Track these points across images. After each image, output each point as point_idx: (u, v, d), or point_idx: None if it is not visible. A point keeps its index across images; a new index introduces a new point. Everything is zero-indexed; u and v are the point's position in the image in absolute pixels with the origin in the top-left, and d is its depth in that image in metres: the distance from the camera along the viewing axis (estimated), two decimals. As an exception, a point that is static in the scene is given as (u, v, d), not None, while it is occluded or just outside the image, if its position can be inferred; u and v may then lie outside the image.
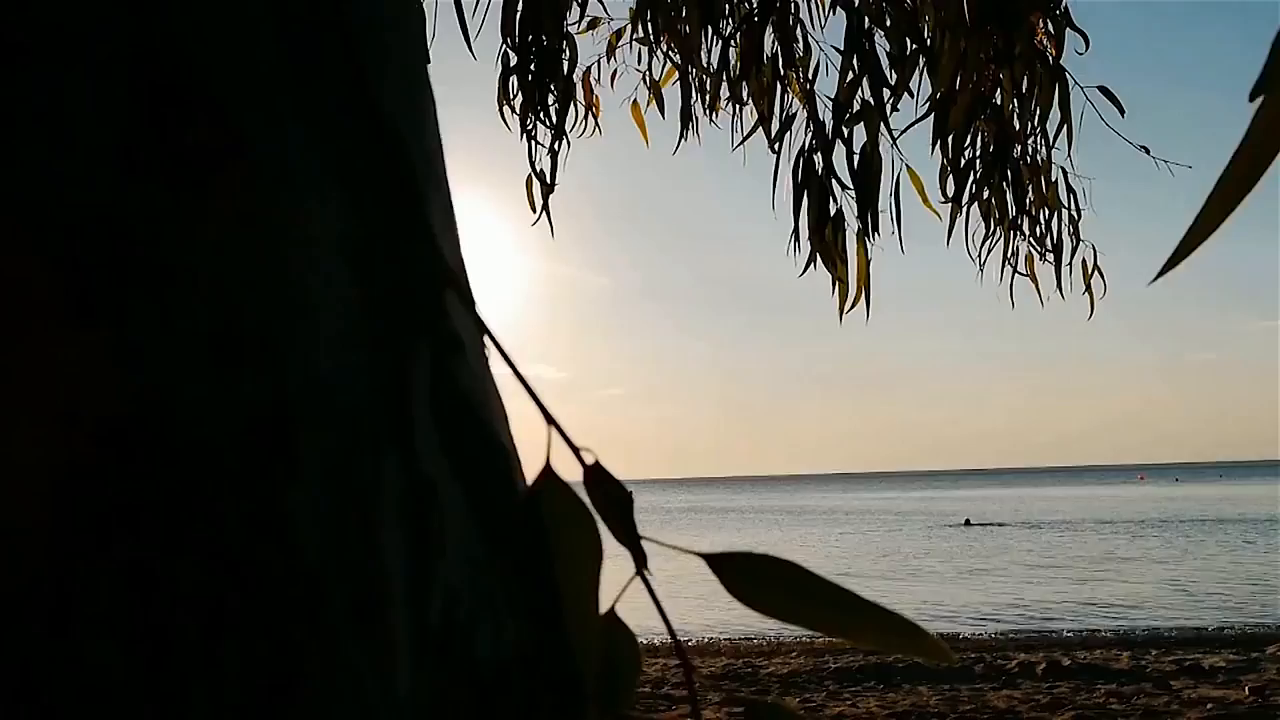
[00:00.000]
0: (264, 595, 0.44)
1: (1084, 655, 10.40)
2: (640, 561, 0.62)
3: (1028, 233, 3.35)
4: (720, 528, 41.70)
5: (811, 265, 2.39)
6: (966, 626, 13.85)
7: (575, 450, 0.60)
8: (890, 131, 2.24)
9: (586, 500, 0.62)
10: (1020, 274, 3.56)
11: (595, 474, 0.62)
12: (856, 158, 2.23)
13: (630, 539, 0.61)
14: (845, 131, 2.24)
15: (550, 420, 0.60)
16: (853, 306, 2.43)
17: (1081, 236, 3.58)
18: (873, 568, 22.43)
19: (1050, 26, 3.09)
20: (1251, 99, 1.06)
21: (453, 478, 0.52)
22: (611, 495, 0.62)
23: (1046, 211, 3.34)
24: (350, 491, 0.47)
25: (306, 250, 0.50)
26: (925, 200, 2.42)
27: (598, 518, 0.62)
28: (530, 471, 0.64)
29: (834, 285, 2.40)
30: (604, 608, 0.63)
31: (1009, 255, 2.93)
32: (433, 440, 0.51)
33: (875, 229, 2.29)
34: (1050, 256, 3.48)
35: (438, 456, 0.52)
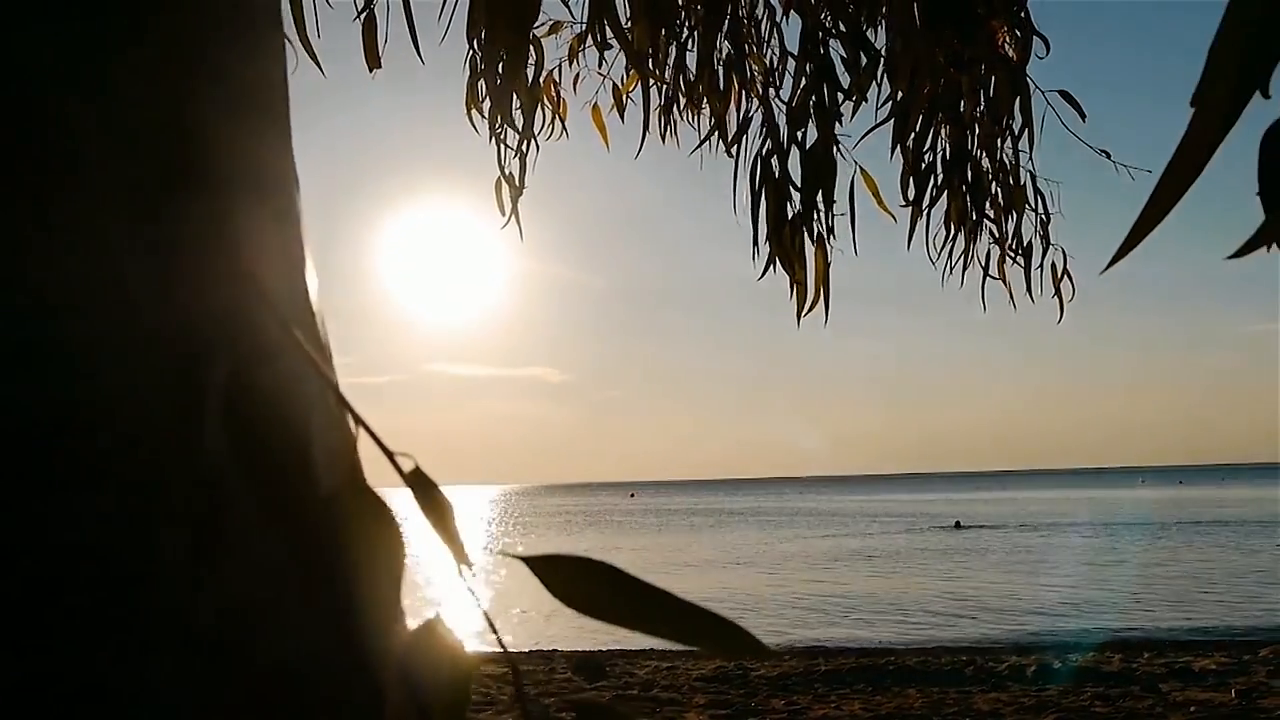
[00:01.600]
0: (24, 596, 0.44)
1: (1076, 658, 10.40)
2: (462, 563, 0.63)
3: (997, 235, 3.36)
4: (711, 529, 41.84)
5: (770, 268, 2.40)
6: (953, 629, 13.83)
7: (390, 456, 0.61)
8: (836, 137, 2.25)
9: (402, 504, 0.63)
10: (992, 277, 3.57)
11: (415, 479, 0.62)
12: (810, 161, 2.24)
13: (452, 544, 0.62)
14: (799, 135, 2.25)
15: (360, 423, 0.61)
16: (811, 308, 2.44)
17: (1051, 240, 3.59)
18: (858, 570, 22.44)
19: (1018, 31, 3.10)
20: (1192, 105, 1.08)
21: (249, 482, 0.53)
22: (433, 500, 0.62)
23: (1015, 215, 3.35)
24: (128, 496, 0.48)
25: (99, 259, 0.51)
26: (880, 203, 2.43)
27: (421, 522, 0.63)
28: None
29: (792, 288, 2.40)
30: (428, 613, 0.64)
31: (971, 257, 2.94)
32: (226, 446, 0.52)
33: (830, 231, 2.30)
34: (1020, 259, 3.49)
35: (232, 462, 0.52)
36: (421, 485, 0.62)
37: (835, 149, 2.27)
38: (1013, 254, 3.17)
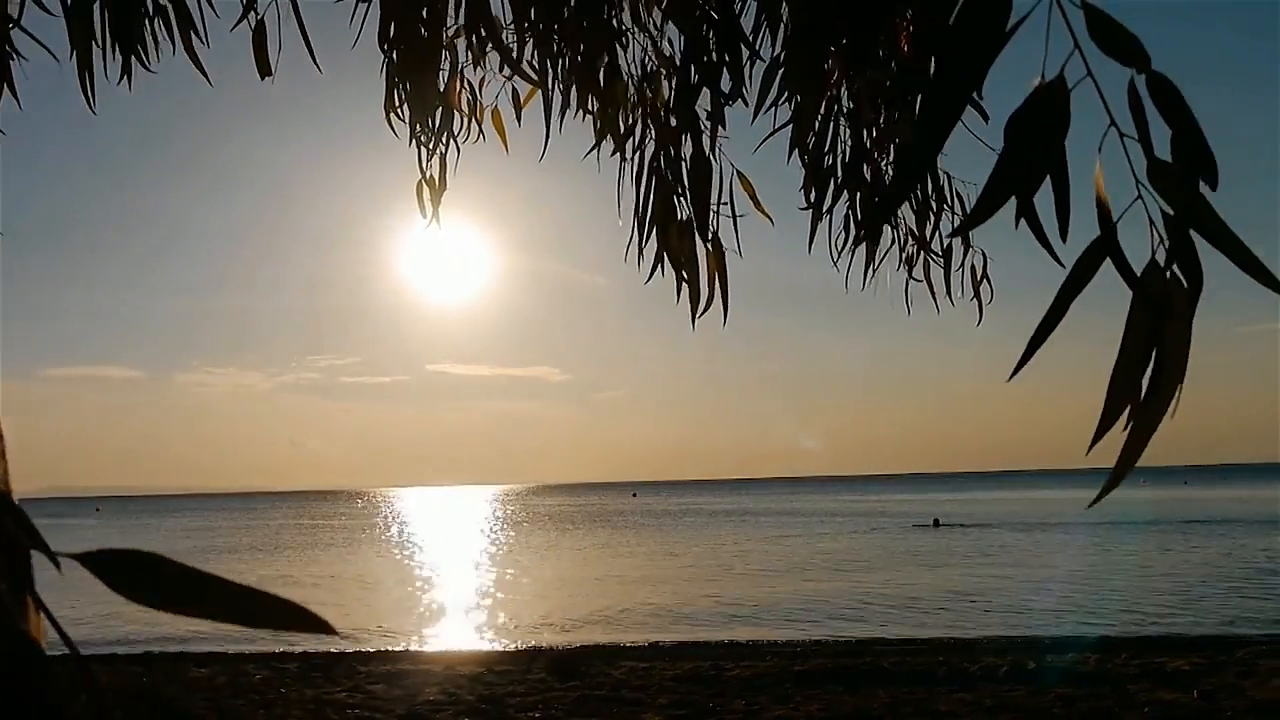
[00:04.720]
0: None
1: (1051, 658, 10.38)
2: (48, 565, 0.64)
3: (915, 236, 3.37)
4: (707, 528, 42.08)
5: (659, 268, 2.41)
6: (929, 629, 13.81)
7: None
8: (715, 139, 2.27)
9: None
10: (915, 280, 3.59)
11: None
12: (689, 164, 2.25)
13: (39, 546, 0.63)
14: (681, 139, 2.26)
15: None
16: (706, 309, 2.45)
17: (971, 242, 3.61)
18: (846, 568, 22.53)
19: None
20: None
21: None
22: (4, 506, 0.64)
23: (934, 215, 3.36)
24: None
25: None
26: (758, 205, 2.44)
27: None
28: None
29: (679, 289, 2.42)
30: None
31: (881, 258, 2.95)
32: None
33: (706, 232, 2.32)
34: (940, 261, 3.51)
35: None
36: (-8, 491, 0.64)
37: (714, 152, 2.28)
38: (930, 253, 3.18)
